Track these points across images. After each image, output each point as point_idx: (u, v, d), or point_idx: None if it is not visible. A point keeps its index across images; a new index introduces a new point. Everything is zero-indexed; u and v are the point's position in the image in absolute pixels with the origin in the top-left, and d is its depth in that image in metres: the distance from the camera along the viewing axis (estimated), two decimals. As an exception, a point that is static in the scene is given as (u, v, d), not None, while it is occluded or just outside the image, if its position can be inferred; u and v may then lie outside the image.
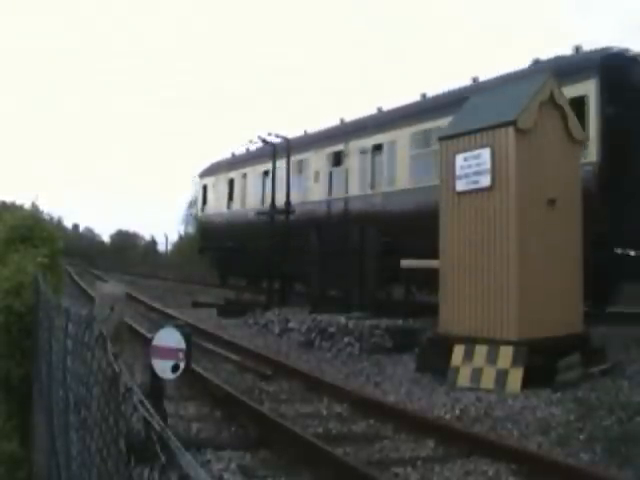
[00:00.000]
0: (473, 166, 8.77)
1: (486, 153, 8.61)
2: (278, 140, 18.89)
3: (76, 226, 69.26)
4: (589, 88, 11.39)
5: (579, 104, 11.09)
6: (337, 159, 18.28)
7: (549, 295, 8.40)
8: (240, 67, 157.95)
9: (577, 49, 12.79)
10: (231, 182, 24.97)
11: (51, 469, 4.08)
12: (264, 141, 19.39)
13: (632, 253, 10.83)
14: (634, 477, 5.08)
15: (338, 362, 10.26)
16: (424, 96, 16.74)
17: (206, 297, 20.32)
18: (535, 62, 13.61)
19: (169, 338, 4.11)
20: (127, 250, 60.90)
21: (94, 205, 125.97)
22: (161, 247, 58.99)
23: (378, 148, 16.62)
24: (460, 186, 8.97)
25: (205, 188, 27.92)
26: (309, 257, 15.53)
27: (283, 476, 5.14)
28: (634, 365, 8.48)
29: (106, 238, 69.68)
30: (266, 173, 21.36)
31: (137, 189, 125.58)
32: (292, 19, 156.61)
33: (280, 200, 18.69)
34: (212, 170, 27.45)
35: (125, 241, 65.76)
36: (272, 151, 18.87)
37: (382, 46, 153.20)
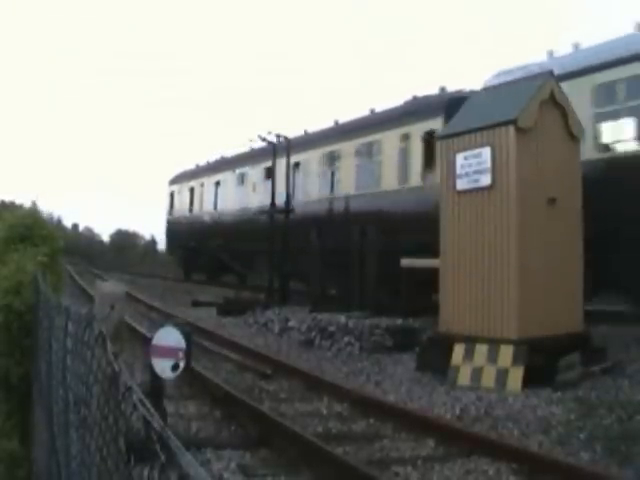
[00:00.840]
0: (473, 165, 8.76)
1: (486, 152, 8.60)
2: (279, 139, 20.59)
3: (75, 226, 69.17)
4: (438, 124, 13.90)
5: (431, 136, 13.87)
6: (269, 173, 21.11)
7: (549, 294, 8.39)
8: (239, 68, 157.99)
9: (442, 89, 15.75)
10: (192, 190, 29.42)
11: (51, 468, 4.07)
12: (264, 140, 19.93)
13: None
14: (634, 476, 5.08)
15: (338, 361, 10.25)
16: (336, 123, 19.97)
17: (206, 296, 20.29)
18: (414, 98, 16.41)
19: (169, 337, 4.11)
20: (127, 249, 60.80)
21: (94, 205, 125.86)
22: (161, 246, 58.92)
23: (297, 165, 20.00)
24: (460, 185, 8.96)
25: (172, 194, 32.15)
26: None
27: (283, 475, 5.14)
28: (634, 364, 8.48)
29: (106, 238, 69.62)
30: (217, 183, 26.54)
31: (137, 189, 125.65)
32: (291, 19, 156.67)
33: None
34: (178, 179, 31.77)
35: (125, 240, 65.63)
36: (269, 154, 20.77)
37: (382, 46, 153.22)
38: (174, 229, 31.33)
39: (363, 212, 16.03)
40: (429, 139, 14.19)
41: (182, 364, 4.04)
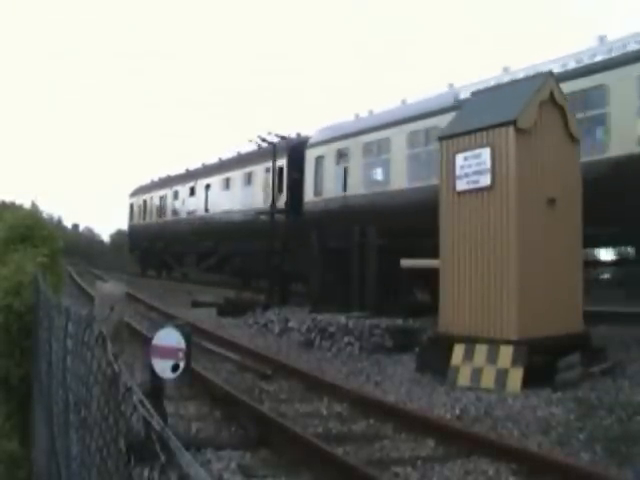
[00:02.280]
0: (473, 165, 8.76)
1: (486, 152, 8.60)
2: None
3: (76, 226, 69.08)
4: (284, 162, 21.05)
5: (281, 170, 21.12)
6: (192, 191, 29.74)
7: (549, 294, 8.39)
8: (240, 68, 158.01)
9: (298, 134, 22.32)
10: (145, 202, 36.90)
11: (51, 468, 4.07)
12: (264, 140, 20.81)
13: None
14: (634, 477, 5.07)
15: (338, 362, 10.25)
16: (239, 152, 26.56)
17: (206, 296, 20.30)
18: (281, 138, 21.60)
19: (169, 338, 4.11)
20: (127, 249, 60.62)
21: (94, 205, 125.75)
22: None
23: (208, 186, 27.87)
24: (460, 185, 8.96)
25: (132, 205, 39.39)
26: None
27: (283, 476, 5.13)
28: (634, 365, 8.48)
29: (106, 238, 69.51)
30: (161, 197, 34.08)
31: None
32: (289, 19, 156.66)
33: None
34: (136, 192, 39.06)
35: (125, 240, 65.48)
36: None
37: (382, 46, 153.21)
38: (133, 233, 38.98)
39: (247, 223, 22.83)
40: (280, 173, 21.17)
41: (182, 364, 4.04)
